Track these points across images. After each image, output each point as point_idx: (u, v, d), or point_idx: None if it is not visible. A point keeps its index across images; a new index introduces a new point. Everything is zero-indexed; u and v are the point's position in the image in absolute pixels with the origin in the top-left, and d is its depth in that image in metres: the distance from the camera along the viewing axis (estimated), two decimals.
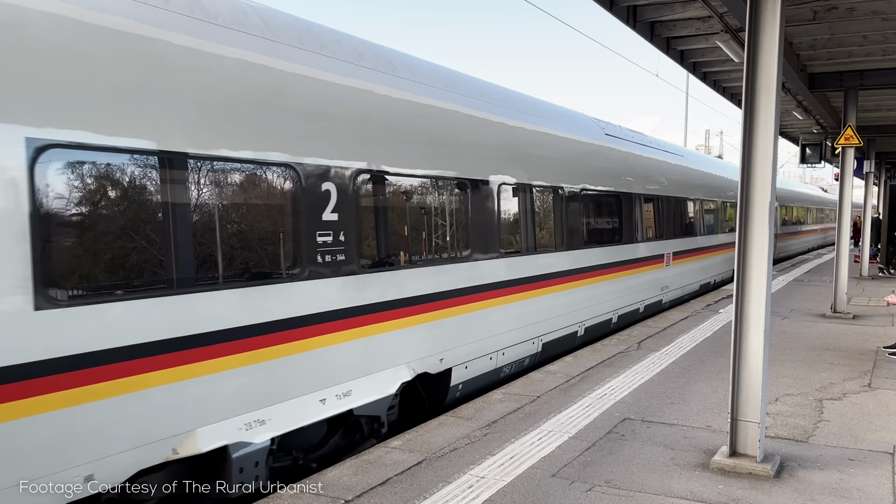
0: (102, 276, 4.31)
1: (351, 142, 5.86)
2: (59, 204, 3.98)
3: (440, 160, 7.08)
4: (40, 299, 3.76)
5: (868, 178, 20.15)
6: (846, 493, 4.72)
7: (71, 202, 4.08)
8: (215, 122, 4.75)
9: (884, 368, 8.32)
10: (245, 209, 5.25)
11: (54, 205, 3.94)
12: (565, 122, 10.16)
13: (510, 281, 8.07)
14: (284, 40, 5.38)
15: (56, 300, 3.86)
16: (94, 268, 4.25)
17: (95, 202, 4.25)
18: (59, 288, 3.93)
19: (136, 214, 4.44)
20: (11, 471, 3.67)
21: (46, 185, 3.86)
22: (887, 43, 10.39)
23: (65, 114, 3.92)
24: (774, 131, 4.99)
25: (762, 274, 5.04)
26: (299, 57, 5.46)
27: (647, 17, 9.99)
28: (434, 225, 7.26)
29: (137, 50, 4.30)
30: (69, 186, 4.05)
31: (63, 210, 4.03)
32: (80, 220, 4.18)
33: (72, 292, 4.03)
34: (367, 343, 6.02)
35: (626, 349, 9.29)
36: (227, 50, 4.87)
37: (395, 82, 6.51)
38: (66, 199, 4.03)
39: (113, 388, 4.07)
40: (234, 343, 4.81)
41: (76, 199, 4.11)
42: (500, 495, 4.64)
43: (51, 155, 3.87)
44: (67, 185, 4.04)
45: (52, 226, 3.94)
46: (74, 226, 4.15)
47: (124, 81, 4.22)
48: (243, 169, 5.05)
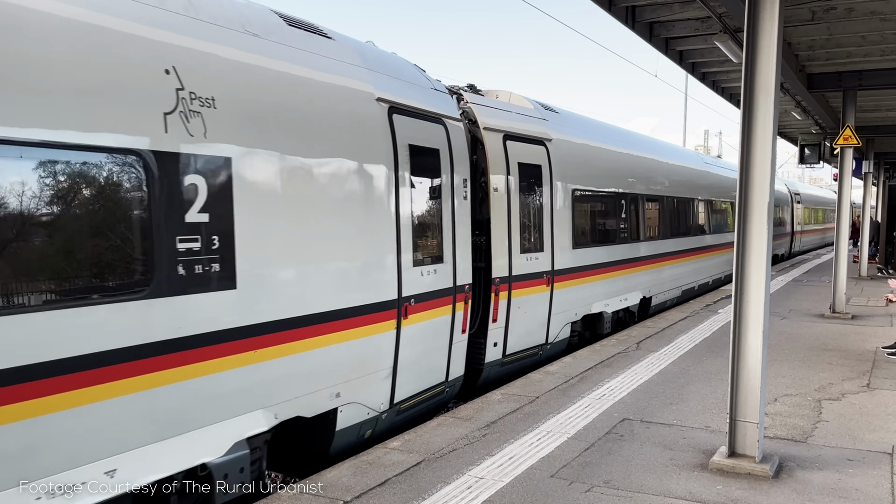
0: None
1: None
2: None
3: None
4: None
5: (867, 179, 20.18)
6: (845, 494, 4.72)
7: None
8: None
9: (882, 369, 8.32)
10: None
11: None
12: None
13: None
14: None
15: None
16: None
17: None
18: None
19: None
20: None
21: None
22: (886, 43, 10.40)
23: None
24: (773, 132, 5.00)
25: (761, 274, 5.04)
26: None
27: (645, 18, 10.00)
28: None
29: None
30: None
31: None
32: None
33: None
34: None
35: (625, 349, 9.29)
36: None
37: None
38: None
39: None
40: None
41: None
42: (499, 496, 4.63)
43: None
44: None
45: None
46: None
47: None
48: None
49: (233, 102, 4.71)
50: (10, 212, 3.59)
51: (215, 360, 4.56)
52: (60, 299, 3.79)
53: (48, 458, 3.69)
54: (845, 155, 13.04)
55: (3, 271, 3.58)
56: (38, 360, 3.62)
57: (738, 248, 5.10)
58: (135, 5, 4.26)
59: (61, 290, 3.84)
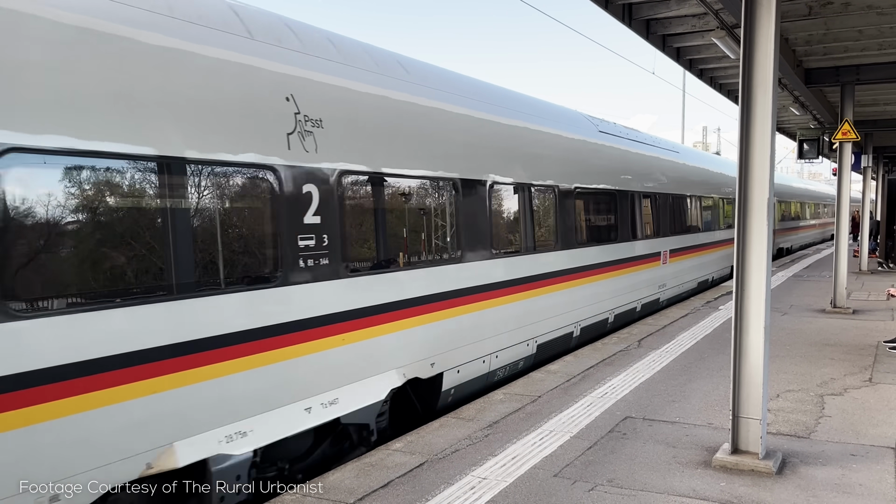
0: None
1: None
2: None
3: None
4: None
5: (866, 173, 20.17)
6: (848, 489, 4.71)
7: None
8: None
9: (884, 363, 8.32)
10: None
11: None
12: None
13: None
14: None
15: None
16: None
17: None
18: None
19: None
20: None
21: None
22: (883, 37, 10.39)
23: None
24: (771, 127, 4.99)
25: (762, 270, 5.03)
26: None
27: (642, 15, 9.99)
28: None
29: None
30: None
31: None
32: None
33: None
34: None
35: (626, 347, 9.28)
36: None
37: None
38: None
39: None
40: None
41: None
42: (503, 496, 4.63)
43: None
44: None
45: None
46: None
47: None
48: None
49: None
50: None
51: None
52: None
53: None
54: (844, 150, 13.03)
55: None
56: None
57: (738, 244, 5.09)
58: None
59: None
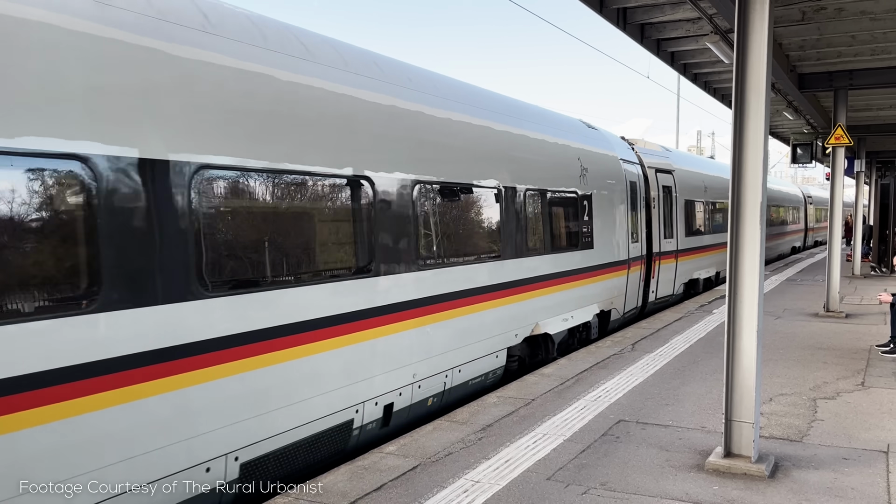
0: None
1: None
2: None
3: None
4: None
5: (859, 178, 20.25)
6: (841, 493, 4.72)
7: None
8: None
9: (877, 367, 8.35)
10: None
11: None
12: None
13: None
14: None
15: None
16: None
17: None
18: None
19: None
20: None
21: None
22: (876, 42, 10.45)
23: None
24: (765, 132, 5.01)
25: (754, 274, 5.05)
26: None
27: (637, 20, 10.03)
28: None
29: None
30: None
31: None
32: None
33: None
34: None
35: (620, 351, 9.29)
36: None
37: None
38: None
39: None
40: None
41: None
42: (496, 499, 4.62)
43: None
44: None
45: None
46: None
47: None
48: None
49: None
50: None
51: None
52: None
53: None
54: (837, 154, 13.09)
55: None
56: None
57: (731, 248, 5.10)
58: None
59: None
